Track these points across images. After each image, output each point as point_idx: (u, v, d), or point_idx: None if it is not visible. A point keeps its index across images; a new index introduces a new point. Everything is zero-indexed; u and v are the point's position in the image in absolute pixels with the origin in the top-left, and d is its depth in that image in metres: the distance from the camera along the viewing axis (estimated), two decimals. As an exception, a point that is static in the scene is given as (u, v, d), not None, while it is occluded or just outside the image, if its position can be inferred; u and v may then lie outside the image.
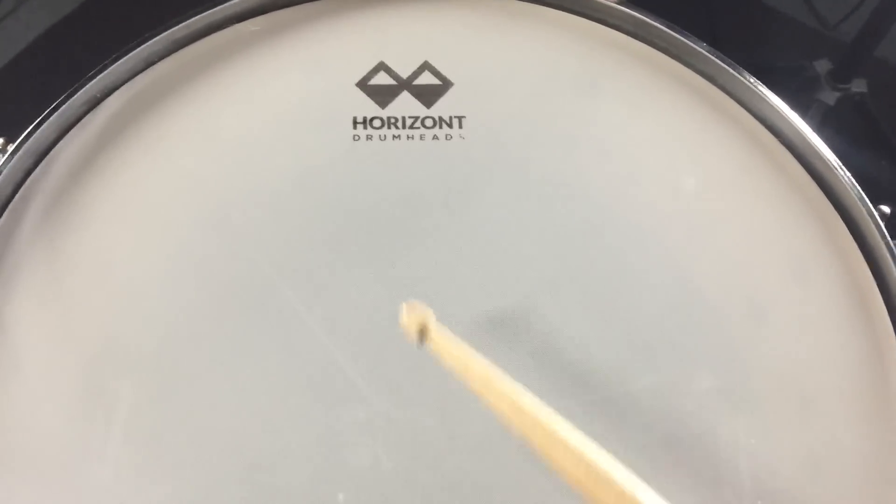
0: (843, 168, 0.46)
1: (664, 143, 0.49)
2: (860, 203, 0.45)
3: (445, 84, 0.50)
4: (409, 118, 0.49)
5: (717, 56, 0.50)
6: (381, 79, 0.50)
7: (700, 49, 0.50)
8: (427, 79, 0.50)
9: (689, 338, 0.43)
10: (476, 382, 0.34)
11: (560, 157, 0.48)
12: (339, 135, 0.48)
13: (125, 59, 0.48)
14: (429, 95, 0.49)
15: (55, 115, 0.46)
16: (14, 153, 0.45)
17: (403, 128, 0.48)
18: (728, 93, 0.50)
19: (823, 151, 0.47)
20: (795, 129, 0.48)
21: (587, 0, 0.51)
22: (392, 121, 0.48)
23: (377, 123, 0.48)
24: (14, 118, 0.47)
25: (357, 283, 0.44)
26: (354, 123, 0.48)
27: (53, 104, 0.46)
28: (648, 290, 0.45)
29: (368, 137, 0.48)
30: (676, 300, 0.44)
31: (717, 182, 0.48)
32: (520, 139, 0.48)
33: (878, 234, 0.45)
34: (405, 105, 0.49)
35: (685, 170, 0.48)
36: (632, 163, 0.48)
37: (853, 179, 0.46)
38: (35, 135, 0.46)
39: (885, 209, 0.46)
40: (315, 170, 0.47)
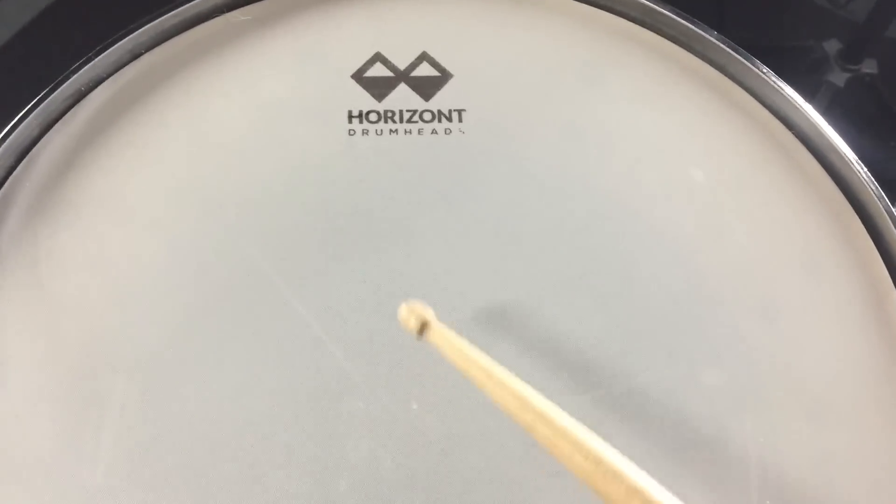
0: (860, 163, 0.45)
1: (672, 136, 0.48)
2: (877, 199, 0.44)
3: (445, 76, 0.48)
4: (407, 111, 0.47)
5: (729, 45, 0.48)
6: (378, 70, 0.48)
7: (710, 38, 0.49)
8: (425, 70, 0.49)
9: (698, 335, 0.43)
10: (479, 375, 0.34)
11: (565, 151, 0.47)
12: (334, 129, 0.47)
13: (110, 52, 0.47)
14: (427, 87, 0.48)
15: (37, 111, 0.45)
16: (-5, 151, 0.44)
17: (401, 122, 0.47)
18: (740, 83, 0.49)
19: (839, 145, 0.46)
20: (810, 122, 0.47)
21: (592, -14, 0.50)
22: (389, 114, 0.47)
23: (373, 117, 0.47)
24: (-7, 115, 0.45)
25: (355, 280, 0.43)
26: (350, 117, 0.47)
27: (35, 99, 0.45)
28: (655, 286, 0.44)
29: (364, 132, 0.47)
30: (685, 297, 0.43)
31: (728, 176, 0.47)
32: (523, 133, 0.47)
33: (896, 232, 0.44)
34: (403, 98, 0.48)
35: (694, 163, 0.47)
36: (638, 156, 0.47)
37: (870, 174, 0.45)
38: (17, 131, 0.44)
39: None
40: (309, 166, 0.46)
